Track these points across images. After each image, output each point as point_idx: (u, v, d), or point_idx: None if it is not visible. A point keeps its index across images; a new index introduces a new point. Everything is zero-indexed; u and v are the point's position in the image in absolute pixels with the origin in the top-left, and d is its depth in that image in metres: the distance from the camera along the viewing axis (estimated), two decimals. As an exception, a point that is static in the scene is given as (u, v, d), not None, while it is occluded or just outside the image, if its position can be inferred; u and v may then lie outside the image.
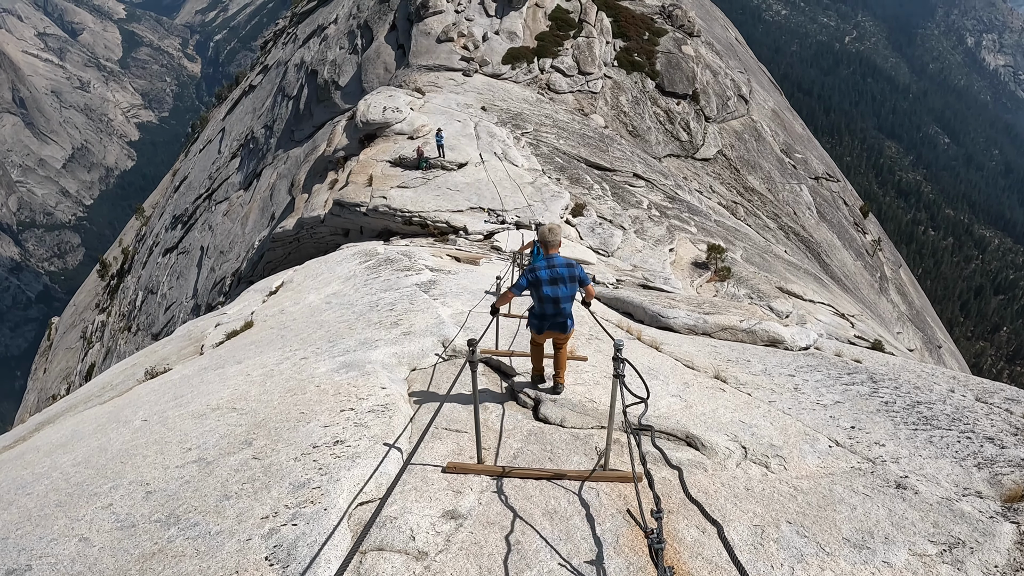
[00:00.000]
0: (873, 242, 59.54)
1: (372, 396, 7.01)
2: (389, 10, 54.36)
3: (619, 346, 5.13)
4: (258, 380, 8.09)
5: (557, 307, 6.54)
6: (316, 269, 15.59)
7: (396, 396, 7.09)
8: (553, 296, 6.48)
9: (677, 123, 50.53)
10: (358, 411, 6.61)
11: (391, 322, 9.93)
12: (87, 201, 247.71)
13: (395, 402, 6.89)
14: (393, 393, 7.17)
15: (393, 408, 6.71)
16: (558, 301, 6.51)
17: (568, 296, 6.54)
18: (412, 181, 27.04)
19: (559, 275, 6.45)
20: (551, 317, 6.60)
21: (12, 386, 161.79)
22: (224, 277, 52.93)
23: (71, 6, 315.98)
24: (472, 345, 5.27)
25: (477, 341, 5.51)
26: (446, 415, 6.72)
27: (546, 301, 6.51)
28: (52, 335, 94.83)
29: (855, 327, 27.75)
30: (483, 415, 6.79)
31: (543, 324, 6.66)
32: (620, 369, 5.00)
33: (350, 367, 8.00)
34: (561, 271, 6.46)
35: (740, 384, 8.17)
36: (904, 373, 8.85)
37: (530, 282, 6.48)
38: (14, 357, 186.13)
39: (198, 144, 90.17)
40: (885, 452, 6.16)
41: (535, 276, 6.45)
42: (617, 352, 5.09)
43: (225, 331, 11.34)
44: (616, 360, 5.05)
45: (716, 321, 11.13)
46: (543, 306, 6.56)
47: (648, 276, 19.64)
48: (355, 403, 6.84)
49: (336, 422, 6.37)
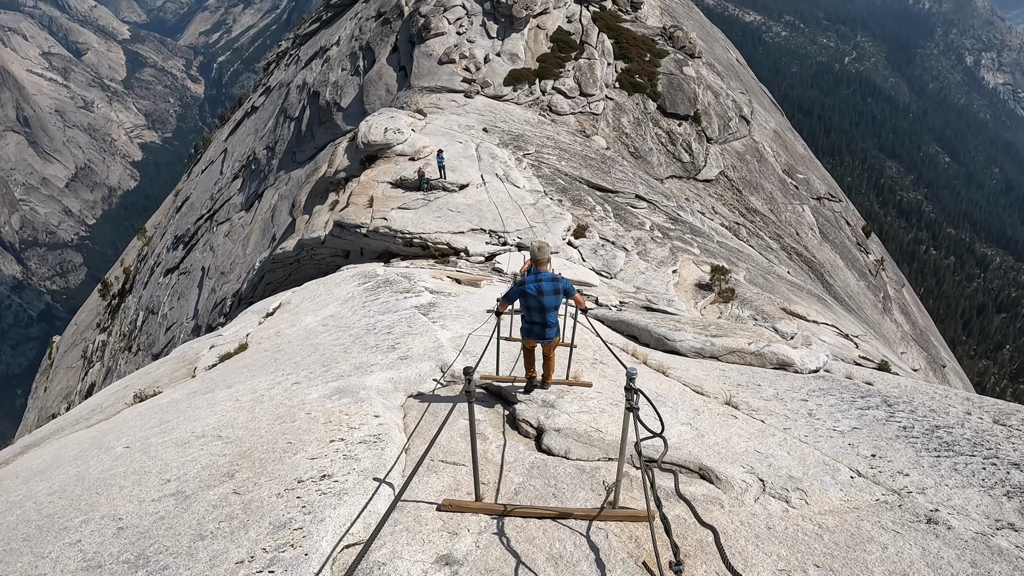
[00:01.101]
0: (876, 262, 59.25)
1: (364, 425, 6.66)
2: (391, 32, 54.61)
3: (632, 375, 4.80)
4: (247, 406, 7.77)
5: (543, 317, 7.17)
6: (314, 291, 15.30)
7: (390, 425, 6.76)
8: (538, 307, 7.11)
9: (679, 144, 50.49)
10: (348, 441, 6.25)
11: (388, 346, 9.62)
12: (90, 220, 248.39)
13: (388, 432, 6.54)
14: (387, 422, 6.82)
15: (386, 438, 6.36)
16: (544, 311, 7.13)
17: (553, 307, 7.16)
18: (413, 202, 26.84)
19: (544, 288, 7.07)
20: (538, 326, 7.23)
21: (13, 404, 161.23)
22: (225, 298, 52.69)
23: (76, 26, 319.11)
24: (468, 374, 4.92)
25: (474, 368, 5.21)
26: (443, 446, 6.36)
27: (533, 312, 7.18)
28: (53, 354, 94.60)
29: (859, 347, 27.38)
30: (482, 446, 6.44)
31: (531, 332, 7.30)
32: (634, 401, 4.66)
33: (343, 393, 7.67)
34: (546, 285, 7.08)
35: (752, 410, 7.84)
36: (917, 395, 8.56)
37: (519, 295, 7.18)
38: (15, 375, 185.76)
39: (200, 165, 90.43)
40: (910, 482, 5.85)
41: (524, 289, 7.12)
42: (630, 382, 4.76)
43: (219, 353, 11.03)
44: (629, 391, 4.72)
45: (724, 344, 10.82)
46: (530, 315, 7.23)
47: (652, 298, 19.34)
48: (346, 433, 6.49)
49: (324, 453, 6.02)
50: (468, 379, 4.92)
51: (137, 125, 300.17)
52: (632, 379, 4.76)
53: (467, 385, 4.91)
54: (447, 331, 10.44)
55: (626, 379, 4.77)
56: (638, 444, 4.51)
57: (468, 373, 4.92)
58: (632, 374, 4.80)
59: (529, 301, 7.15)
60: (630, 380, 4.75)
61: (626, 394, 4.71)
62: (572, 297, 7.41)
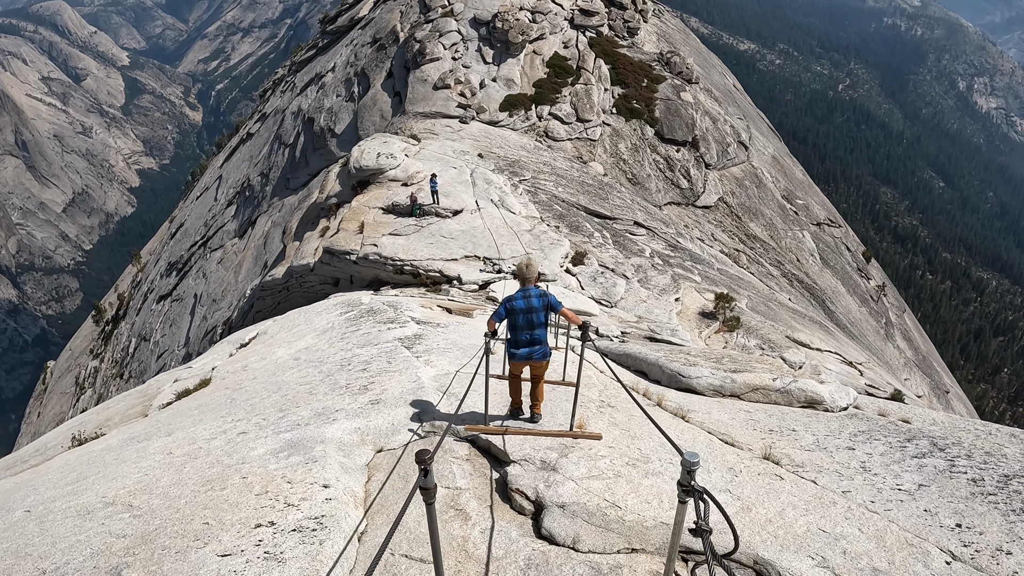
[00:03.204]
0: (877, 287, 58.59)
1: (306, 501, 5.42)
2: (386, 57, 54.40)
3: (692, 466, 3.33)
4: (177, 463, 6.65)
5: (531, 334, 6.90)
6: (294, 320, 14.40)
7: (341, 500, 5.50)
8: (527, 324, 6.86)
9: (677, 170, 50.04)
10: (279, 527, 4.95)
11: (360, 386, 8.56)
12: (86, 246, 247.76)
13: (336, 512, 5.25)
14: (337, 495, 5.55)
15: (331, 525, 5.02)
16: (533, 328, 6.89)
17: (541, 323, 6.91)
18: (405, 228, 26.10)
19: (532, 305, 6.85)
20: (526, 344, 6.91)
21: (6, 429, 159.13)
22: (215, 326, 51.77)
23: (76, 52, 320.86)
24: (423, 463, 3.35)
25: (441, 438, 4.14)
26: (409, 531, 5.13)
27: (521, 330, 6.89)
28: (47, 379, 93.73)
29: (864, 375, 26.57)
30: (462, 529, 5.26)
31: (519, 352, 6.94)
32: (703, 518, 3.20)
33: (294, 449, 6.52)
34: (534, 301, 6.86)
35: (797, 466, 6.76)
36: (960, 433, 7.70)
37: (507, 310, 6.88)
38: (9, 400, 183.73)
39: (195, 191, 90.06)
40: (1016, 564, 4.81)
41: (511, 305, 6.87)
42: (689, 475, 3.33)
43: (177, 390, 10.10)
44: (687, 491, 3.34)
45: (745, 380, 9.88)
46: (518, 334, 6.92)
47: (654, 328, 18.52)
48: (279, 513, 5.21)
49: (241, 548, 4.70)
50: (423, 468, 3.34)
51: (135, 151, 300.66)
52: (692, 471, 3.36)
53: (424, 462, 3.34)
54: (431, 368, 9.44)
55: (682, 470, 3.40)
56: (705, 537, 3.19)
57: (422, 461, 3.33)
58: (692, 464, 3.33)
59: (518, 318, 6.88)
60: (689, 472, 3.36)
61: (679, 490, 3.46)
62: (560, 312, 6.97)
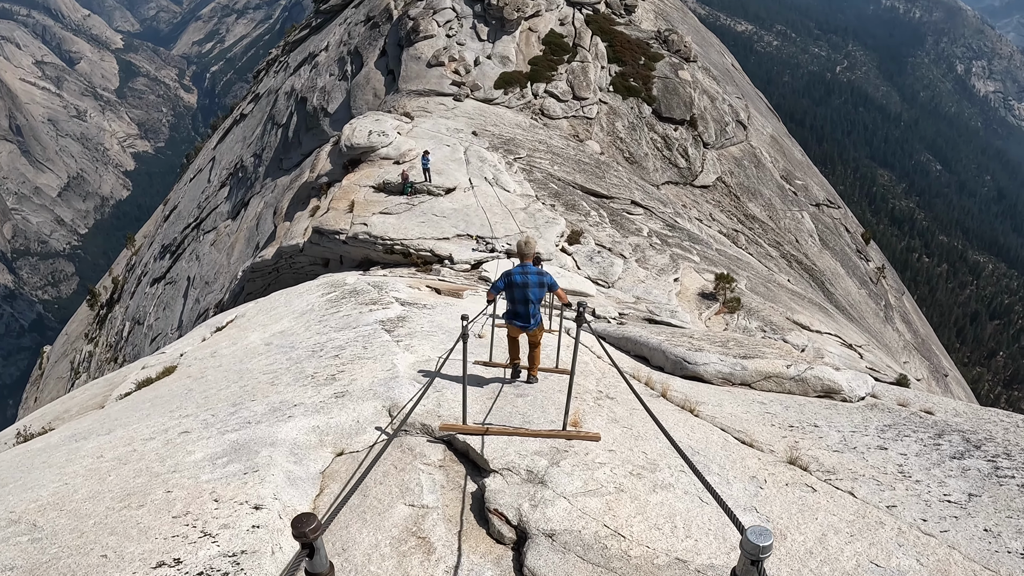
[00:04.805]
0: (877, 269, 58.08)
1: (228, 529, 4.26)
2: (380, 36, 53.37)
3: (760, 554, 2.35)
4: (104, 469, 5.65)
5: (527, 307, 7.42)
6: (274, 302, 13.71)
7: (272, 527, 4.36)
8: (523, 298, 7.38)
9: (675, 149, 49.28)
10: (185, 569, 3.91)
11: (327, 375, 7.74)
12: (82, 230, 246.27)
13: (261, 547, 4.13)
14: (269, 521, 4.40)
15: (249, 564, 3.97)
16: (528, 302, 7.40)
17: (537, 299, 7.43)
18: (396, 207, 25.44)
19: (530, 280, 7.37)
20: (522, 316, 7.45)
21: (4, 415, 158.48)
22: (208, 309, 51.14)
23: (69, 35, 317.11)
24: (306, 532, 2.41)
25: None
26: (356, 572, 4.15)
27: (518, 302, 7.43)
28: (44, 364, 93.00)
29: (864, 358, 26.07)
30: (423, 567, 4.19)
31: (517, 320, 7.47)
32: None
33: (237, 454, 5.49)
34: (532, 277, 7.38)
35: (828, 472, 5.85)
36: (988, 426, 7.13)
37: (506, 284, 7.41)
38: (6, 386, 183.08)
39: (189, 173, 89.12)
40: None
41: (510, 279, 7.41)
42: (755, 566, 2.37)
43: (138, 379, 9.39)
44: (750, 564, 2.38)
45: (757, 368, 9.14)
46: (515, 306, 7.47)
47: (653, 309, 17.92)
48: (192, 545, 4.10)
49: None
50: (306, 546, 2.46)
51: (130, 134, 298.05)
52: (759, 560, 2.36)
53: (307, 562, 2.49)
54: (411, 354, 8.61)
55: (741, 554, 2.41)
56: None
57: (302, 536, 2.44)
58: (760, 551, 2.35)
59: (515, 292, 7.37)
60: (755, 564, 2.38)
61: None
62: (555, 292, 7.48)
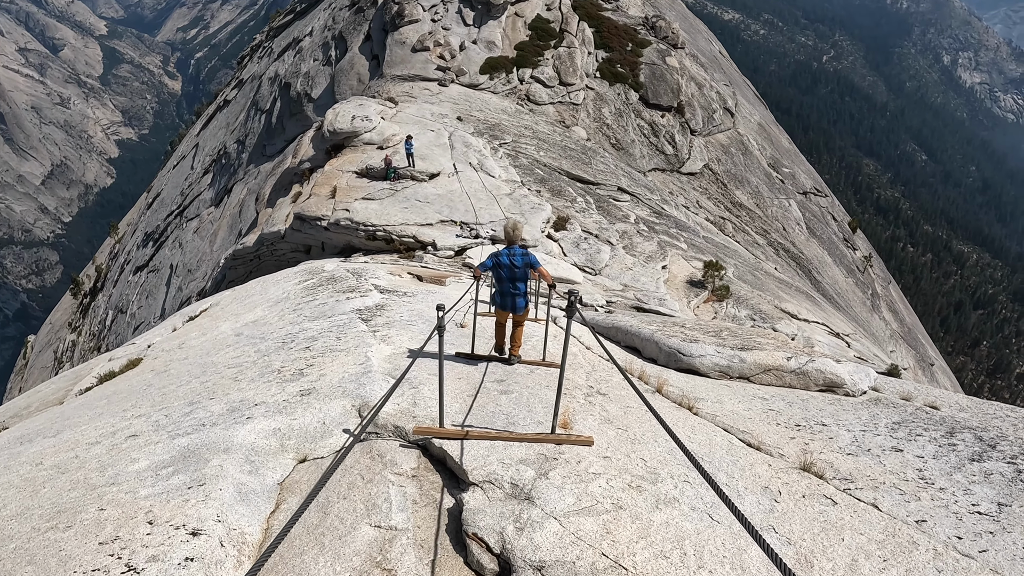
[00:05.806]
0: (864, 258, 58.14)
1: (157, 562, 3.71)
2: (364, 20, 52.57)
3: None
4: (42, 479, 5.08)
5: (514, 287, 7.70)
6: (250, 290, 13.19)
7: (210, 559, 3.82)
8: (510, 277, 7.66)
9: (662, 136, 48.94)
10: None
11: (295, 370, 7.18)
12: (66, 218, 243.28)
13: None
14: (207, 552, 3.83)
15: None
16: (515, 280, 7.68)
17: (523, 278, 7.69)
18: (378, 192, 24.95)
19: (515, 263, 7.64)
20: (509, 295, 7.72)
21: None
22: (190, 296, 50.45)
23: (53, 22, 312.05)
24: None
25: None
26: None
27: (505, 282, 7.71)
28: (28, 354, 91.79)
29: (851, 347, 25.95)
30: None
31: (504, 301, 7.76)
32: None
33: (185, 463, 4.92)
34: (517, 259, 7.66)
35: (845, 479, 5.40)
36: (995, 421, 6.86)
37: (494, 263, 7.67)
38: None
39: (172, 160, 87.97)
40: None
41: (497, 260, 7.69)
42: None
43: (101, 372, 8.87)
44: None
45: (756, 360, 8.77)
46: (502, 286, 7.75)
47: (641, 297, 17.60)
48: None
49: None
50: None
51: (114, 122, 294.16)
52: None
53: None
54: (387, 345, 8.16)
55: None
56: None
57: None
58: None
59: (503, 272, 7.65)
60: None
61: None
62: (538, 269, 7.55)
